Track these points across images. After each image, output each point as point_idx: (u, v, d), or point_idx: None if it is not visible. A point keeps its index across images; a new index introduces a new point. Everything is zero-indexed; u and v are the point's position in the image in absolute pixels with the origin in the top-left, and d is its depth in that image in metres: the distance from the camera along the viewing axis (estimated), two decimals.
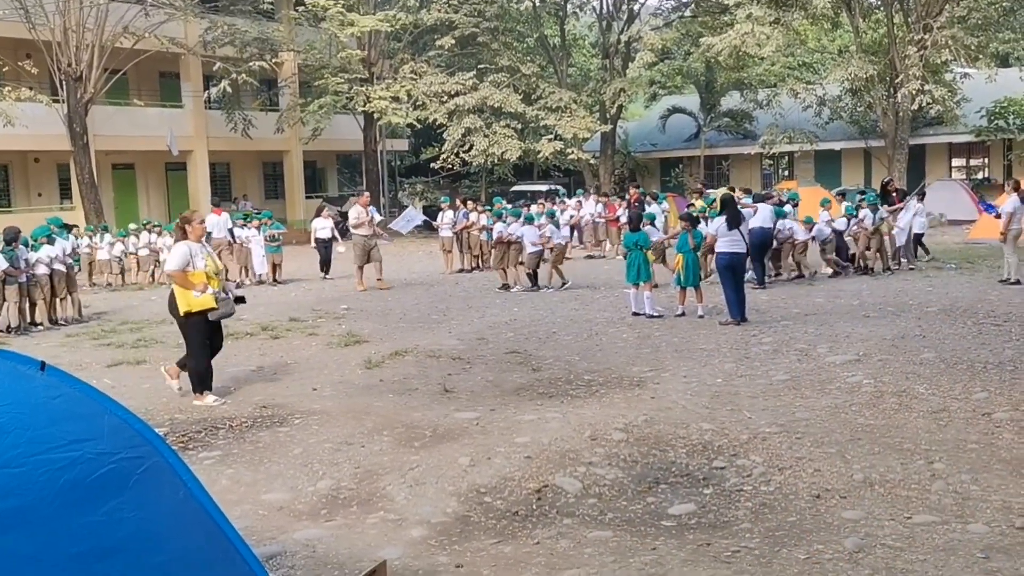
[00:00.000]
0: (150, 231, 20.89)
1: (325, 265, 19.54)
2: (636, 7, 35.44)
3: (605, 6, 35.42)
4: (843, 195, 19.89)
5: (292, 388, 9.12)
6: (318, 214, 20.07)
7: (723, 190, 13.74)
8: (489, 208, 20.82)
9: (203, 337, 8.58)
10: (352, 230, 17.68)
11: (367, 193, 19.61)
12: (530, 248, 16.46)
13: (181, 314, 8.45)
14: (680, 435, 6.88)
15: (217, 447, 7.09)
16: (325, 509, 5.78)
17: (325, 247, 19.50)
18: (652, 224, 15.29)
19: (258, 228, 19.36)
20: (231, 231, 19.23)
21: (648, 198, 21.69)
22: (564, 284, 16.31)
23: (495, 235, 17.57)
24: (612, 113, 34.22)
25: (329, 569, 4.88)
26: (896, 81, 28.26)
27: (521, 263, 16.72)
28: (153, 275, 20.41)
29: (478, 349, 10.89)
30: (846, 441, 6.57)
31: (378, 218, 19.59)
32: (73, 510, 3.42)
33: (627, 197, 21.77)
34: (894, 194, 19.15)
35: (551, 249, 16.67)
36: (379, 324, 13.10)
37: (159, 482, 3.86)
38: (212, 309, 8.41)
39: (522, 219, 17.03)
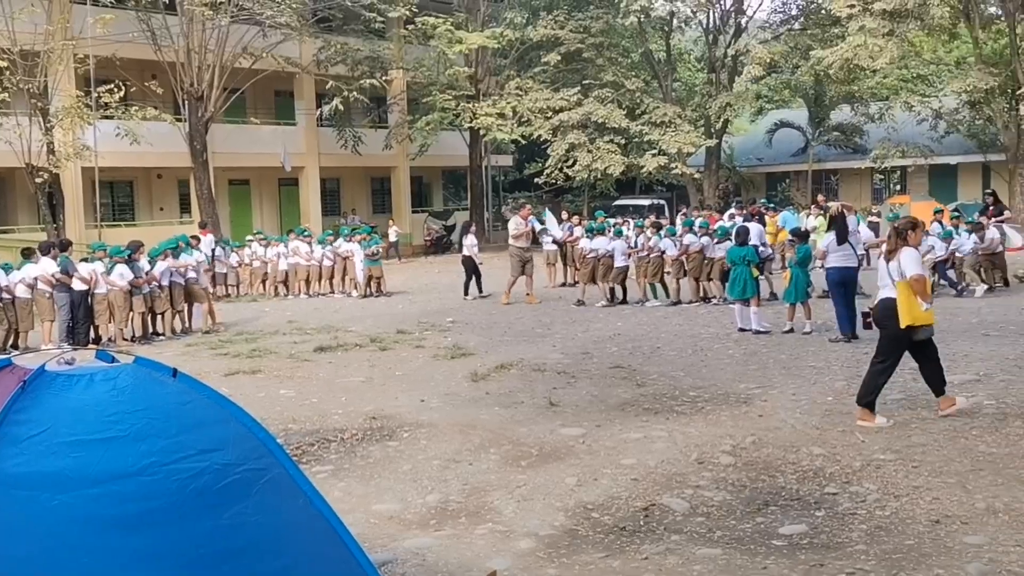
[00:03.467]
0: (260, 244, 21.59)
1: (476, 283, 18.57)
2: (744, 21, 35.00)
3: (712, 20, 35.09)
4: (957, 211, 19.25)
5: (401, 399, 9.30)
6: (467, 231, 19.59)
7: (834, 205, 13.44)
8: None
9: (898, 356, 7.81)
10: (511, 242, 17.64)
11: (528, 205, 19.76)
12: (618, 263, 16.42)
13: (901, 326, 7.49)
14: (790, 460, 6.75)
15: (329, 461, 7.27)
16: (434, 520, 5.88)
17: (474, 264, 18.67)
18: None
19: (360, 242, 19.83)
20: (213, 252, 19.60)
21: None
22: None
23: (579, 250, 17.57)
24: (717, 128, 33.85)
25: None
26: (1018, 93, 27.17)
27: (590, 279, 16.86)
28: (264, 286, 21.09)
29: (583, 363, 10.91)
30: (967, 471, 6.31)
31: (539, 227, 19.44)
32: (199, 515, 3.58)
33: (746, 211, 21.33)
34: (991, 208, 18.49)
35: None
36: (484, 337, 13.25)
37: (280, 491, 4.00)
38: (927, 326, 7.62)
39: (612, 234, 16.97)
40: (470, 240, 18.75)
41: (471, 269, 18.45)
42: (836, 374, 9.65)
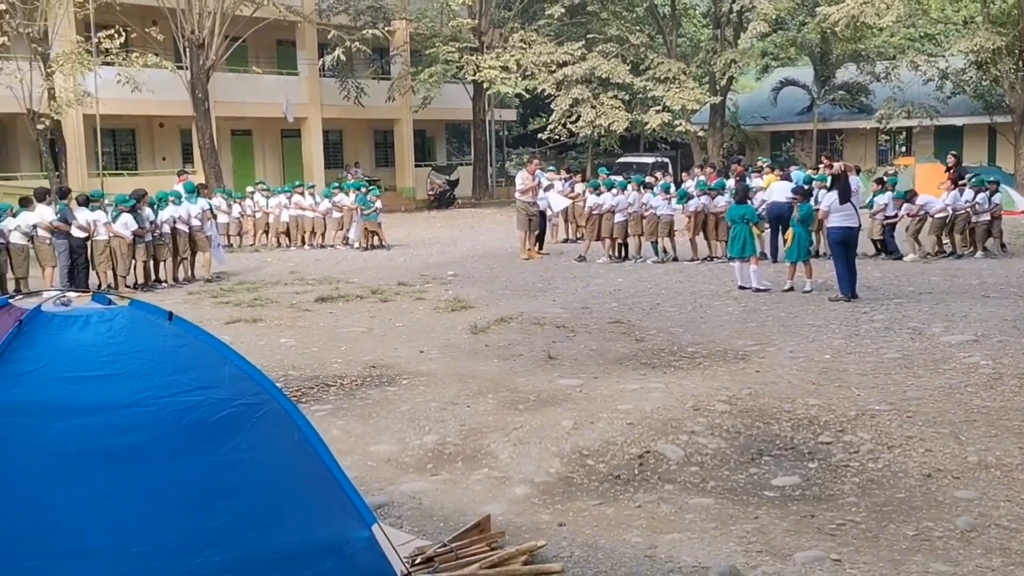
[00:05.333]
0: (262, 194, 21.52)
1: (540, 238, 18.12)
2: None
3: None
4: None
5: (400, 350, 9.33)
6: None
7: (838, 164, 13.34)
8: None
9: None
10: (518, 196, 17.48)
11: (536, 160, 19.60)
12: (618, 217, 16.38)
13: None
14: (785, 409, 6.79)
15: (328, 401, 7.35)
16: (431, 463, 5.94)
17: (540, 218, 17.99)
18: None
19: (356, 197, 19.80)
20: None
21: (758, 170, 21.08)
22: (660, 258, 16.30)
23: (587, 207, 17.42)
24: (722, 85, 33.55)
25: (435, 521, 5.03)
26: None
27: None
28: (266, 236, 21.07)
29: (582, 318, 10.93)
30: (960, 422, 6.38)
31: (546, 182, 18.94)
32: (193, 451, 3.61)
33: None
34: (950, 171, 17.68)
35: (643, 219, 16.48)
36: (485, 291, 13.26)
37: (275, 426, 4.03)
38: None
39: (615, 189, 16.78)
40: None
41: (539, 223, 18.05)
42: (835, 332, 9.66)
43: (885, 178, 17.29)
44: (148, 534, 3.42)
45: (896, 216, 15.87)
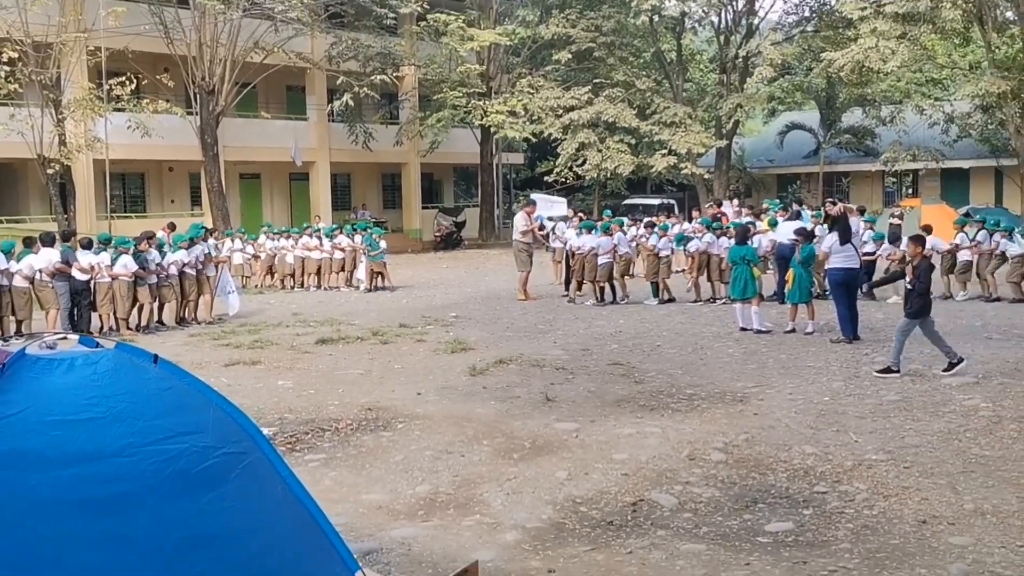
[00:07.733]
0: (269, 236, 21.64)
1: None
2: (755, 21, 34.91)
3: (724, 21, 35.01)
4: (968, 215, 19.02)
5: (397, 392, 9.32)
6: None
7: (838, 206, 13.37)
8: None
9: None
10: (517, 238, 17.63)
11: (535, 202, 19.77)
12: (600, 260, 16.24)
13: None
14: (781, 459, 6.73)
15: (323, 450, 7.29)
16: (422, 510, 5.90)
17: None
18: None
19: (363, 239, 19.92)
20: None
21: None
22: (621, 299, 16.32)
23: (567, 247, 17.36)
24: (728, 128, 33.77)
25: (423, 567, 4.99)
26: None
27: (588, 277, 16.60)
28: (271, 278, 21.14)
29: (582, 359, 10.91)
30: (958, 472, 6.30)
31: (549, 224, 19.18)
32: (175, 498, 3.58)
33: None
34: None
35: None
36: (486, 332, 13.26)
37: (259, 476, 4.01)
38: None
39: (594, 231, 16.67)
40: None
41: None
42: (834, 375, 9.62)
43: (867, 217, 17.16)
44: None
45: (874, 255, 15.75)
